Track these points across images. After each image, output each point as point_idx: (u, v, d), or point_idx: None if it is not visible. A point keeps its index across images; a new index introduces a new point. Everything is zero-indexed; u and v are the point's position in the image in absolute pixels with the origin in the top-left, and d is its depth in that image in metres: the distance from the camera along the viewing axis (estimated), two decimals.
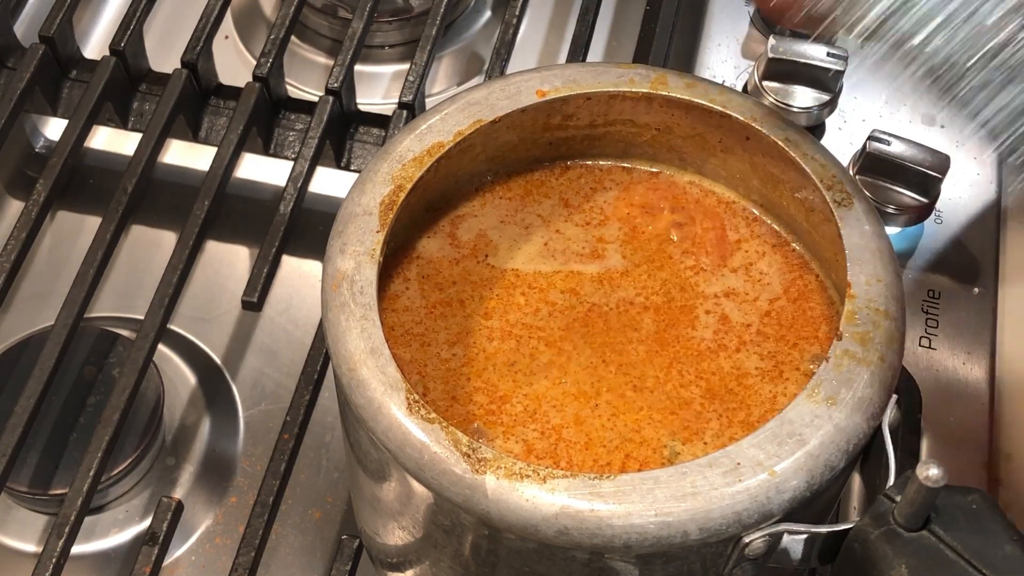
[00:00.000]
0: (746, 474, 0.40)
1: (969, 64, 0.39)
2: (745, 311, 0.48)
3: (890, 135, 0.66)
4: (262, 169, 0.71)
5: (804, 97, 0.69)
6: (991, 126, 0.40)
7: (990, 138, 0.40)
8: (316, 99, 0.67)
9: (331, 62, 0.73)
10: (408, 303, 0.48)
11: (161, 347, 0.64)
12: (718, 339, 0.47)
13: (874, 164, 0.65)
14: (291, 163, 0.65)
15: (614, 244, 0.50)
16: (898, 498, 0.40)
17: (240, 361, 0.65)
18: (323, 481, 0.61)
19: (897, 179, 0.66)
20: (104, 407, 0.57)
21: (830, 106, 0.70)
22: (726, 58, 0.75)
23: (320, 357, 0.59)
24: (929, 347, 0.64)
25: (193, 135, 0.70)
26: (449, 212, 0.51)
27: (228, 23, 0.78)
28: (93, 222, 0.65)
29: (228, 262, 0.69)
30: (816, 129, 0.71)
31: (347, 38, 0.69)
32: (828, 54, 0.69)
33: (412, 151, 0.48)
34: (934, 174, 0.65)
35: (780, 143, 0.48)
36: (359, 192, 0.47)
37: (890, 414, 0.43)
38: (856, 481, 0.56)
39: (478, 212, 0.51)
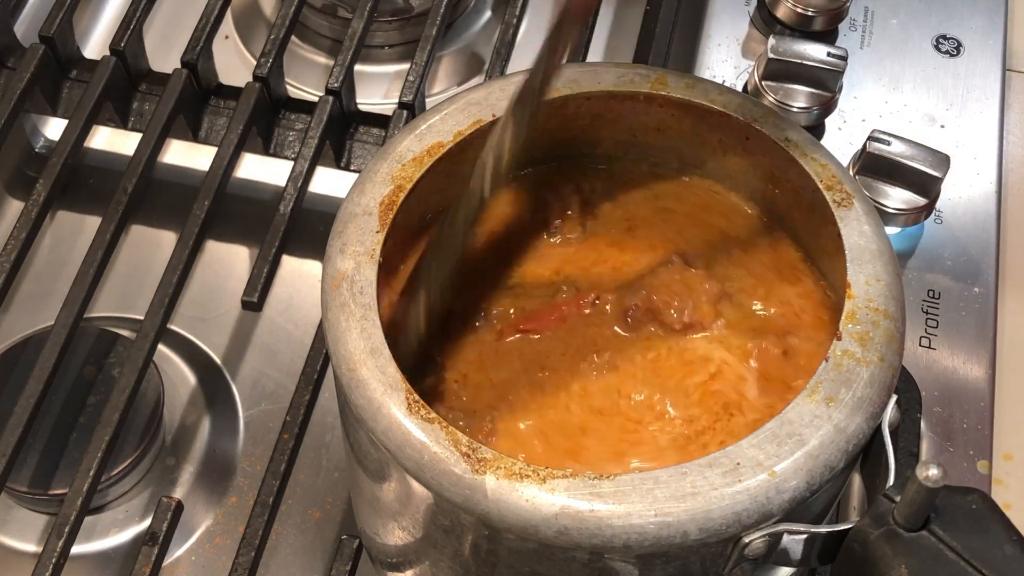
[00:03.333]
0: (746, 474, 0.40)
1: None
2: (743, 310, 0.48)
3: (890, 135, 0.66)
4: (262, 169, 0.71)
5: (804, 97, 0.69)
6: None
7: None
8: (316, 99, 0.67)
9: (331, 62, 0.73)
10: None
11: (161, 347, 0.64)
12: (715, 337, 0.47)
13: (874, 164, 0.65)
14: (291, 163, 0.65)
15: (612, 239, 0.50)
16: (898, 498, 0.40)
17: (240, 361, 0.65)
18: (323, 481, 0.61)
19: (897, 179, 0.66)
20: (104, 407, 0.57)
21: (830, 106, 0.70)
22: (726, 58, 0.75)
23: (320, 357, 0.59)
24: (929, 347, 0.64)
25: (193, 135, 0.70)
26: None
27: (228, 23, 0.78)
28: (93, 222, 0.65)
29: (228, 262, 0.69)
30: (816, 129, 0.71)
31: (347, 38, 0.69)
32: (828, 54, 0.69)
33: (412, 151, 0.48)
34: (934, 174, 0.65)
35: (780, 143, 0.48)
36: (359, 192, 0.47)
37: (890, 414, 0.43)
38: (856, 481, 0.56)
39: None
